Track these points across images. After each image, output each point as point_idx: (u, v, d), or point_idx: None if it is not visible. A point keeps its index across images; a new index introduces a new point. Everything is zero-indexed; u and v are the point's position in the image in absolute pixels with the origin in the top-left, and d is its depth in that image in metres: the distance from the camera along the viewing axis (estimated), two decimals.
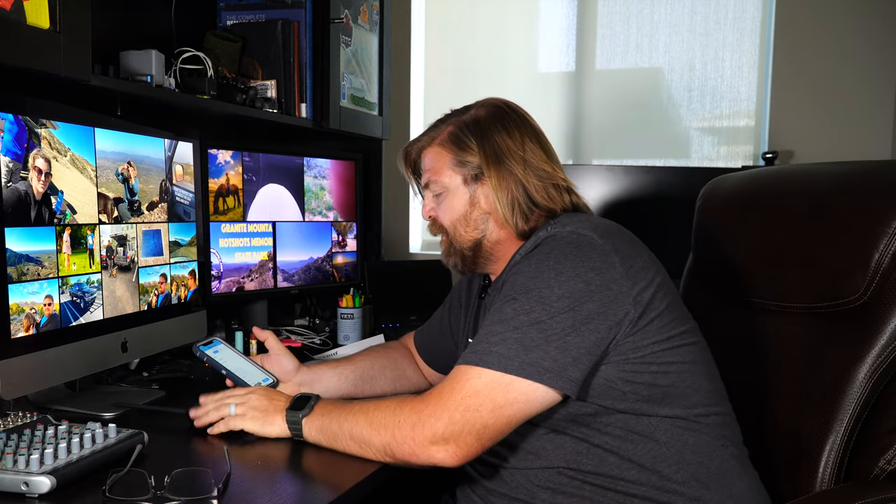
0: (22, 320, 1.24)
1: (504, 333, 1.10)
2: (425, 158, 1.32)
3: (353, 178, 2.38)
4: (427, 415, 1.08)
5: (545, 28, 3.01)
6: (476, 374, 1.08)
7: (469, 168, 1.26)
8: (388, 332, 2.14)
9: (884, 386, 1.20)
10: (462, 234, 1.29)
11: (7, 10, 1.17)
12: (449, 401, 1.08)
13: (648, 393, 1.14)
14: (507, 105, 1.31)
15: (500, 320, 1.11)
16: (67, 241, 1.35)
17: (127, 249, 1.52)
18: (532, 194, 1.24)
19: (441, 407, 1.08)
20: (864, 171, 1.33)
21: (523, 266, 1.15)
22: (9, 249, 1.22)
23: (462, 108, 1.32)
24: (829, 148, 2.63)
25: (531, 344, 1.08)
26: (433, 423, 1.07)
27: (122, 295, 1.51)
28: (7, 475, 1.00)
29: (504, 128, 1.26)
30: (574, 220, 1.20)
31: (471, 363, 1.10)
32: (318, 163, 2.26)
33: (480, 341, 1.12)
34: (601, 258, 1.12)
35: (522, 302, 1.11)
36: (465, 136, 1.27)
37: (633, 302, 1.12)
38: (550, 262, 1.12)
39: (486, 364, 1.08)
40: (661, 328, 1.15)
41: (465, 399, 1.07)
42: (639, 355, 1.13)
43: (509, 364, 1.07)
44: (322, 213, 2.28)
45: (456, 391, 1.09)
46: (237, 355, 1.46)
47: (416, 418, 1.09)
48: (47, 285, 1.30)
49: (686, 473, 1.14)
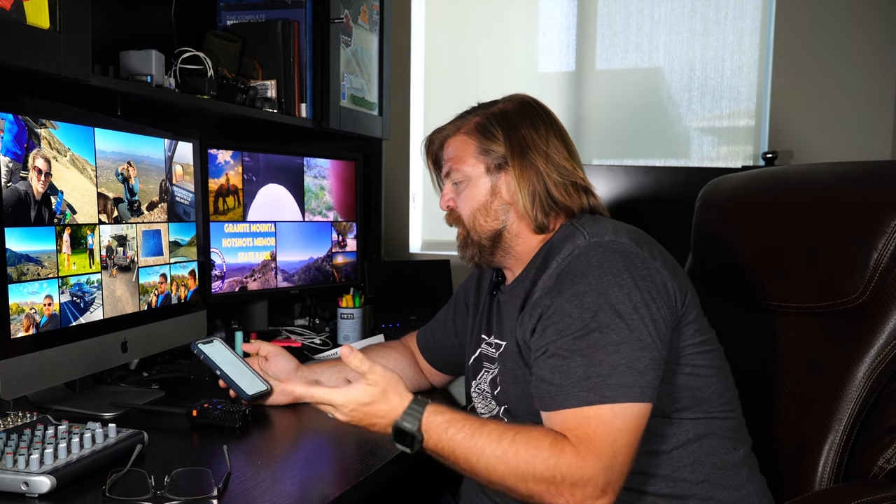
0: (22, 320, 1.24)
1: (607, 360, 1.06)
2: (448, 147, 1.32)
3: (352, 178, 2.39)
4: (586, 473, 1.02)
5: (545, 28, 3.01)
6: (609, 413, 1.04)
7: (493, 157, 1.26)
8: (388, 332, 2.14)
9: (883, 385, 1.21)
10: (482, 223, 1.28)
11: (7, 10, 1.17)
12: (601, 453, 1.02)
13: (677, 394, 1.15)
14: (534, 101, 1.31)
15: (593, 345, 1.07)
16: (67, 241, 1.34)
17: (127, 249, 1.52)
18: (551, 189, 1.24)
19: (598, 461, 1.02)
20: (863, 171, 1.33)
21: (578, 283, 1.11)
22: (9, 249, 1.21)
23: (489, 101, 1.33)
24: (829, 148, 2.63)
25: (639, 365, 1.06)
26: (595, 482, 1.02)
27: (122, 295, 1.51)
28: (7, 475, 1.00)
29: (530, 122, 1.26)
30: (602, 226, 1.20)
31: (593, 403, 1.04)
32: (318, 163, 2.26)
33: (590, 376, 1.06)
34: (647, 265, 1.13)
35: (604, 322, 1.08)
36: (492, 126, 1.27)
37: (680, 303, 1.15)
38: (609, 276, 1.10)
39: (612, 399, 1.04)
40: (695, 332, 1.17)
41: (612, 444, 1.03)
42: (674, 355, 1.15)
43: (632, 392, 1.05)
44: (322, 213, 2.28)
45: (604, 439, 1.03)
46: (236, 359, 1.45)
47: (575, 477, 1.02)
48: (47, 285, 1.30)
49: (700, 475, 1.15)
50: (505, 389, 1.25)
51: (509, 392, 1.24)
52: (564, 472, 1.02)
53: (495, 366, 1.28)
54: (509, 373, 1.24)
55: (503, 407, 1.26)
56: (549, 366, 1.10)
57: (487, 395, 1.29)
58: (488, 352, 1.31)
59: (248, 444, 1.29)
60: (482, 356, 1.33)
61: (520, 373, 1.21)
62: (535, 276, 1.22)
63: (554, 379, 1.08)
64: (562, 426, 1.06)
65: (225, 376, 1.40)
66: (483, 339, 1.34)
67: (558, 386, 1.07)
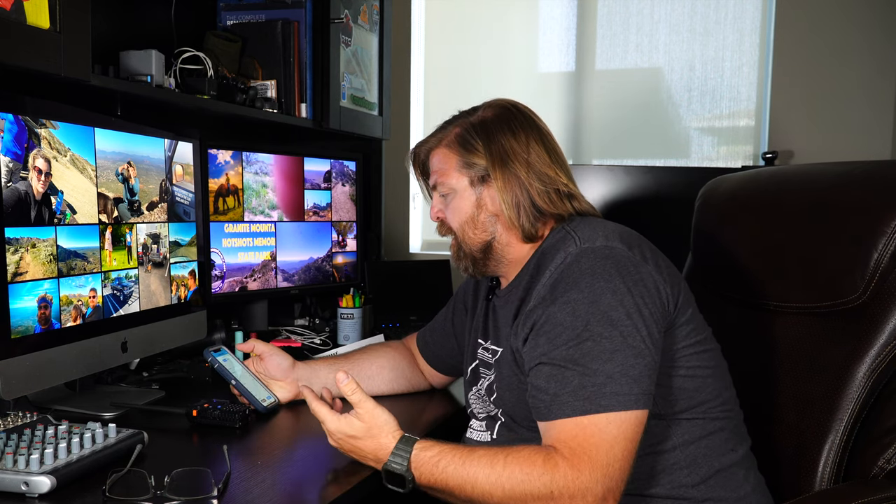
0: (70, 311, 1.35)
1: (602, 368, 1.06)
2: (433, 159, 1.31)
3: (299, 174, 2.21)
4: (583, 483, 1.02)
5: (545, 28, 3.01)
6: (605, 421, 1.04)
7: (475, 170, 1.25)
8: (388, 332, 2.14)
9: (883, 385, 1.21)
10: (471, 236, 1.27)
11: (7, 10, 1.17)
12: (597, 462, 1.02)
13: (673, 396, 1.15)
14: (514, 106, 1.29)
15: (587, 354, 1.07)
16: (109, 238, 1.45)
17: (160, 247, 1.60)
18: (535, 199, 1.22)
19: (593, 470, 1.02)
20: (863, 171, 1.33)
21: (570, 290, 1.11)
22: (59, 246, 1.32)
23: (470, 108, 1.31)
24: (829, 148, 2.63)
25: (633, 372, 1.06)
26: (593, 492, 1.02)
27: (157, 289, 1.60)
28: (7, 475, 1.00)
29: (510, 130, 1.25)
30: (593, 230, 1.18)
31: (589, 412, 1.04)
32: (259, 157, 2.08)
33: (585, 385, 1.06)
34: (639, 270, 1.12)
35: (596, 330, 1.07)
36: (471, 137, 1.25)
37: (672, 306, 1.14)
38: (601, 282, 1.10)
39: (607, 408, 1.04)
40: (689, 333, 1.17)
41: (609, 453, 1.03)
42: (668, 357, 1.14)
43: (627, 400, 1.05)
44: (265, 213, 2.11)
45: (599, 447, 1.03)
46: (244, 369, 1.47)
47: (573, 489, 1.02)
48: (92, 279, 1.41)
49: (697, 476, 1.15)
50: (501, 396, 1.25)
51: (505, 398, 1.24)
52: (561, 485, 1.02)
53: (492, 372, 1.28)
54: (504, 379, 1.24)
55: (500, 409, 1.26)
56: (544, 375, 1.10)
57: (486, 400, 1.29)
58: (485, 357, 1.31)
59: (248, 444, 1.29)
60: (479, 362, 1.33)
61: (514, 380, 1.21)
62: (528, 282, 1.21)
63: (549, 388, 1.08)
64: (558, 436, 1.06)
65: (240, 386, 1.42)
66: (480, 343, 1.34)
67: (553, 395, 1.07)
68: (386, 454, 1.11)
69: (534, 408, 1.11)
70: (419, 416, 1.48)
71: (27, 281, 1.24)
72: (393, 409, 1.15)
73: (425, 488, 1.10)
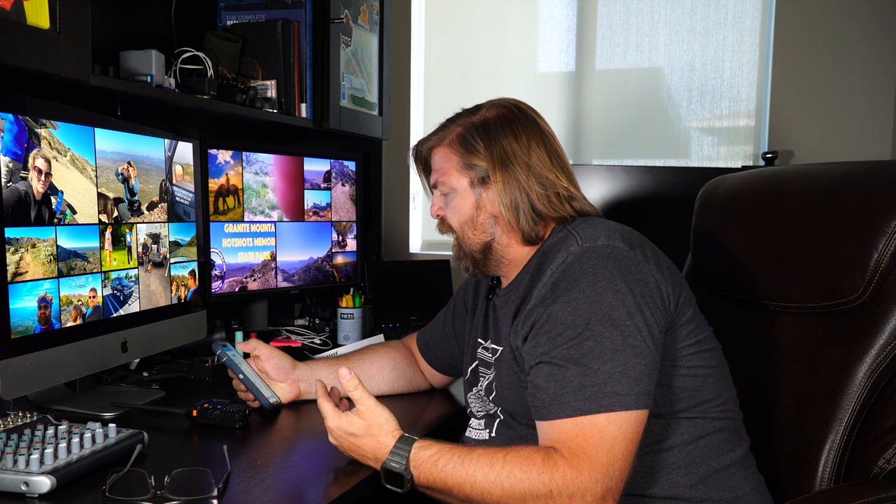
0: (70, 311, 1.35)
1: (602, 368, 1.05)
2: (435, 157, 1.30)
3: (299, 174, 2.22)
4: (582, 483, 1.02)
5: (545, 28, 3.01)
6: (605, 421, 1.04)
7: (476, 171, 1.24)
8: (388, 332, 2.14)
9: (883, 385, 1.21)
10: (470, 236, 1.27)
11: (7, 10, 1.17)
12: (596, 462, 1.02)
13: (673, 395, 1.15)
14: (517, 107, 1.28)
15: (587, 354, 1.07)
16: (109, 238, 1.45)
17: (160, 247, 1.60)
18: (534, 202, 1.22)
19: (593, 470, 1.02)
20: (863, 170, 1.33)
21: (571, 289, 1.11)
22: (59, 246, 1.31)
23: (473, 107, 1.30)
24: (829, 148, 2.63)
25: (634, 372, 1.06)
26: (592, 491, 1.02)
27: (157, 289, 1.59)
28: (7, 475, 1.00)
29: (512, 131, 1.24)
30: (595, 230, 1.18)
31: (589, 412, 1.04)
32: (259, 157, 2.10)
33: (585, 385, 1.05)
34: (640, 269, 1.12)
35: (597, 330, 1.07)
36: (472, 138, 1.25)
37: (673, 305, 1.14)
38: (603, 281, 1.10)
39: (607, 408, 1.04)
40: (690, 332, 1.17)
41: (608, 453, 1.03)
42: (669, 357, 1.14)
43: (627, 400, 1.05)
44: (265, 213, 2.12)
45: (599, 447, 1.03)
46: (248, 367, 1.47)
47: (572, 488, 1.02)
48: (92, 279, 1.41)
49: (694, 476, 1.15)
50: (500, 394, 1.25)
51: (504, 396, 1.24)
52: (560, 484, 1.02)
53: (491, 371, 1.28)
54: (504, 377, 1.24)
55: (499, 407, 1.26)
56: (544, 374, 1.10)
57: (485, 399, 1.29)
58: (485, 356, 1.31)
59: (248, 444, 1.29)
60: (479, 363, 1.33)
61: (514, 378, 1.21)
62: (529, 281, 1.21)
63: (549, 388, 1.08)
64: (557, 436, 1.06)
65: (248, 382, 1.43)
66: (480, 343, 1.34)
67: (553, 395, 1.07)
68: (385, 453, 1.11)
69: (533, 407, 1.11)
70: (419, 415, 1.48)
71: (27, 281, 1.24)
72: (393, 408, 1.15)
73: (424, 488, 1.10)
